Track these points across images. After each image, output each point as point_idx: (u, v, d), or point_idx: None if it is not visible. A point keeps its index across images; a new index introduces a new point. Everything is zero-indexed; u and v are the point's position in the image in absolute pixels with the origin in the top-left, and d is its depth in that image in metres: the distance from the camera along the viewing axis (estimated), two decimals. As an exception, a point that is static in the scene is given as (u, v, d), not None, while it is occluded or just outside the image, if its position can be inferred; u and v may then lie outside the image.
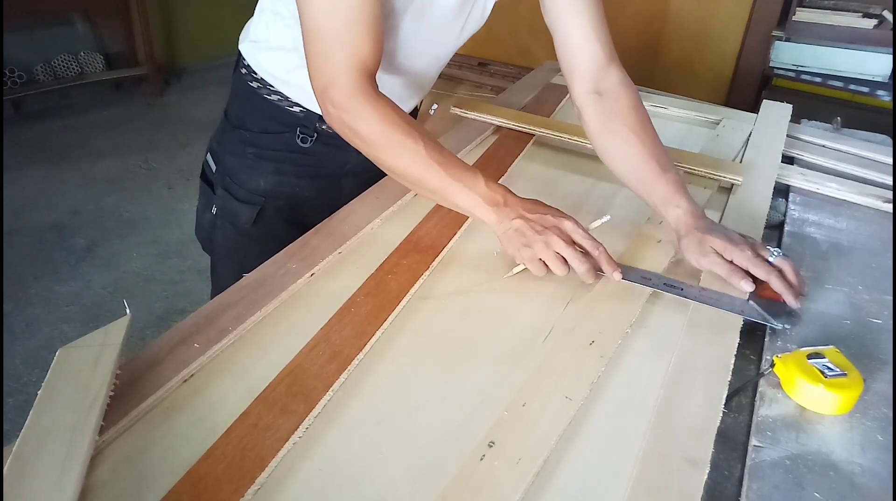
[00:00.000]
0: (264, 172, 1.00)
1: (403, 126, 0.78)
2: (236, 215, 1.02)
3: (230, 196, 1.02)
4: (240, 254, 1.05)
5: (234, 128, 1.01)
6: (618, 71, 0.95)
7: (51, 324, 2.10)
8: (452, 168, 0.79)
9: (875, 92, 2.20)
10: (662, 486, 0.54)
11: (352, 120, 0.79)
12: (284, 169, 1.01)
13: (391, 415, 0.62)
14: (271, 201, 1.01)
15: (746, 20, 2.65)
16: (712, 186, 1.02)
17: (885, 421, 0.67)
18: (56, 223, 2.65)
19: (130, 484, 0.54)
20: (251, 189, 1.01)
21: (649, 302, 0.77)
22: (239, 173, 1.01)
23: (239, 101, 1.01)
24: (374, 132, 0.79)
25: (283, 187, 1.01)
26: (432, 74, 1.04)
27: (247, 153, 1.00)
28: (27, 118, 3.51)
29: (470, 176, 0.80)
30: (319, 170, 1.01)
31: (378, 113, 0.78)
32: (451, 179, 0.79)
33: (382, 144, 0.79)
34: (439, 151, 0.80)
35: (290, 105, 0.97)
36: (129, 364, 0.63)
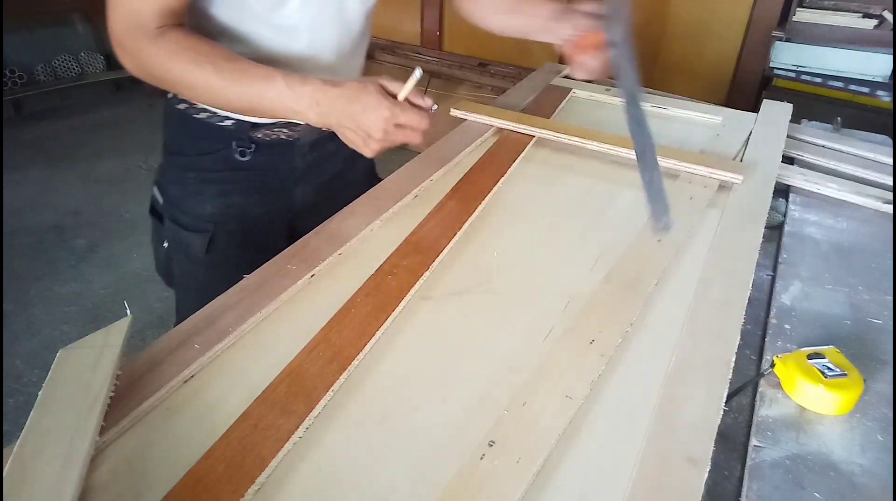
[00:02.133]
0: (209, 195, 0.96)
1: (189, 54, 0.75)
2: (188, 246, 0.98)
3: (179, 227, 0.98)
4: (197, 284, 1.01)
5: (172, 155, 0.98)
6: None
7: (51, 324, 2.10)
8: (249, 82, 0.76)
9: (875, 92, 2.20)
10: (663, 485, 0.54)
11: (141, 60, 0.76)
12: (229, 189, 0.96)
13: (391, 415, 0.62)
14: (221, 225, 0.97)
15: (746, 20, 2.65)
16: (712, 186, 1.02)
17: (885, 421, 0.67)
18: (56, 224, 2.66)
19: (131, 485, 0.54)
20: (198, 216, 0.97)
21: (649, 302, 0.77)
22: (184, 201, 0.97)
23: (172, 126, 0.97)
24: (159, 68, 0.76)
25: (232, 209, 0.97)
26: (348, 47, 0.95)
27: (188, 179, 0.97)
28: (28, 119, 3.52)
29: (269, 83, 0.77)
30: (266, 183, 0.96)
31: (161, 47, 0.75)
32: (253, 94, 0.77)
33: (171, 79, 0.77)
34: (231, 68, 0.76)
35: (220, 120, 0.92)
36: (129, 365, 0.64)
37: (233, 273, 0.98)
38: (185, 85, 0.77)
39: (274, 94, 0.77)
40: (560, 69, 1.55)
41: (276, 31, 0.84)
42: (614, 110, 1.36)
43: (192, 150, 0.95)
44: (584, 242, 0.89)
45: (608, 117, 1.32)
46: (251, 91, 0.77)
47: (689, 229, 0.91)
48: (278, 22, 0.84)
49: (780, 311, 0.83)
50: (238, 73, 0.77)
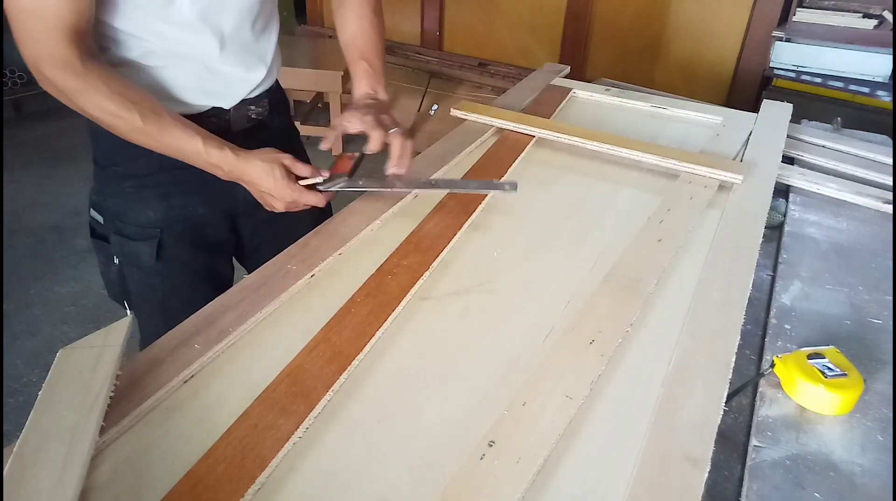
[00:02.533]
0: (149, 200, 0.95)
1: (115, 98, 0.77)
2: (138, 256, 0.96)
3: (125, 239, 0.96)
4: (156, 296, 0.99)
5: (105, 168, 0.96)
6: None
7: (51, 324, 2.10)
8: (170, 137, 0.80)
9: (875, 92, 2.20)
10: (663, 485, 0.54)
11: (67, 92, 0.77)
12: (169, 191, 0.95)
13: (391, 415, 0.62)
14: (168, 230, 0.96)
15: (746, 20, 2.65)
16: (712, 186, 1.02)
17: (885, 421, 0.67)
18: (57, 224, 2.65)
19: (131, 484, 0.54)
20: (143, 223, 0.95)
21: (649, 302, 0.77)
22: (126, 212, 0.96)
23: (101, 139, 0.94)
24: (87, 104, 0.77)
25: (175, 211, 0.96)
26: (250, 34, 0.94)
27: (126, 188, 0.95)
28: (28, 119, 3.52)
29: (189, 144, 0.81)
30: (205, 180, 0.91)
31: (89, 84, 0.76)
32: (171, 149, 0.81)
33: (98, 117, 0.79)
34: (156, 119, 0.79)
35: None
36: (129, 365, 0.64)
37: (188, 279, 0.97)
38: (108, 125, 0.80)
39: (190, 152, 0.82)
40: (560, 69, 1.55)
41: (175, 27, 0.84)
42: (614, 111, 1.36)
43: (124, 157, 0.93)
44: (584, 242, 0.89)
45: (608, 118, 1.32)
46: (171, 145, 0.81)
47: (689, 230, 0.91)
48: (175, 19, 0.83)
49: (780, 311, 0.83)
50: (162, 126, 0.80)
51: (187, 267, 0.99)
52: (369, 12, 1.01)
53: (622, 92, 1.42)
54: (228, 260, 1.07)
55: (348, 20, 1.01)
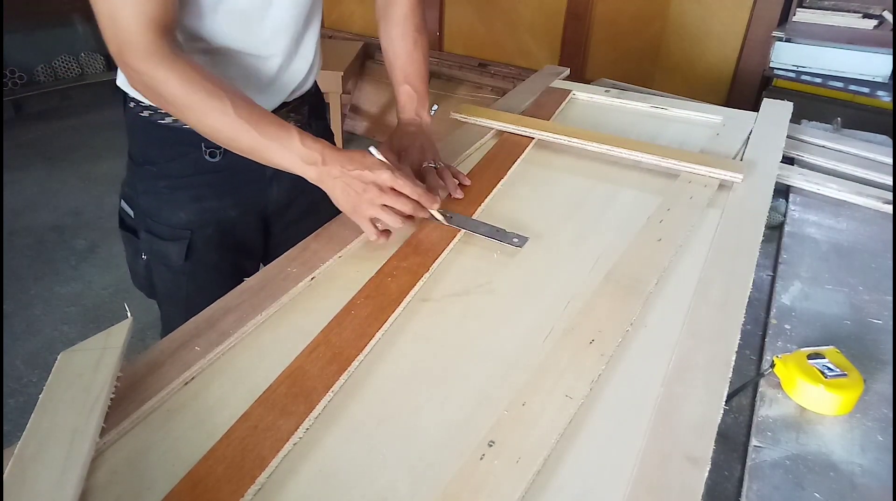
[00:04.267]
0: (183, 202, 0.95)
1: (207, 86, 0.75)
2: (166, 256, 0.96)
3: (155, 237, 0.96)
4: (181, 294, 1.00)
5: (140, 166, 0.95)
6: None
7: (51, 325, 2.10)
8: (265, 127, 0.77)
9: (875, 92, 2.20)
10: (663, 484, 0.54)
11: (152, 82, 0.75)
12: (203, 193, 0.95)
13: (391, 416, 0.62)
14: (199, 231, 0.96)
15: (746, 20, 2.65)
16: (712, 186, 1.02)
17: (885, 422, 0.67)
18: (57, 224, 2.66)
19: (131, 486, 0.54)
20: (174, 224, 0.95)
21: (649, 302, 0.77)
22: (158, 211, 0.96)
23: (137, 136, 0.95)
24: (177, 94, 0.75)
25: (207, 214, 0.96)
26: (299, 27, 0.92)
27: (160, 188, 0.95)
28: (28, 119, 3.52)
29: (284, 134, 0.78)
30: (239, 182, 0.95)
31: (177, 73, 0.74)
32: (264, 138, 0.77)
33: (188, 105, 0.76)
34: (249, 109, 0.77)
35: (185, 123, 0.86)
36: (129, 367, 0.64)
37: (215, 278, 0.97)
38: (197, 113, 0.77)
39: (284, 143, 0.78)
40: (560, 72, 1.55)
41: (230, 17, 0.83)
42: (614, 111, 1.36)
43: (160, 157, 0.93)
44: (584, 242, 0.89)
45: (608, 119, 1.32)
46: (265, 135, 0.77)
47: (689, 229, 0.91)
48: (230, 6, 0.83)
49: (780, 311, 0.83)
50: (256, 115, 0.78)
51: (215, 268, 0.99)
52: (413, 31, 1.01)
53: (622, 93, 1.42)
54: (255, 260, 1.08)
55: (393, 39, 1.01)
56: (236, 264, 1.03)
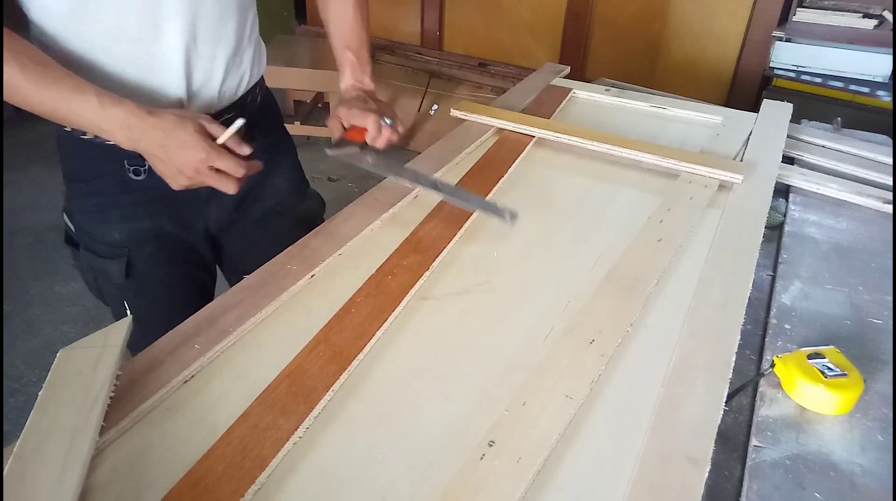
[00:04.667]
0: (114, 221, 0.89)
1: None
2: (107, 273, 0.91)
3: (94, 255, 0.91)
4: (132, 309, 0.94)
5: (71, 183, 0.90)
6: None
7: (51, 325, 2.10)
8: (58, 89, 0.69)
9: (875, 92, 2.20)
10: (663, 485, 0.54)
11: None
12: (133, 212, 0.88)
13: (391, 415, 0.62)
14: (136, 249, 0.90)
15: (747, 20, 2.65)
16: (712, 186, 1.02)
17: (885, 421, 0.67)
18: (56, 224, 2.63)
19: (131, 485, 0.54)
20: (109, 243, 0.90)
21: (649, 302, 0.77)
22: (93, 230, 0.90)
23: (65, 151, 0.88)
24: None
25: (141, 233, 0.90)
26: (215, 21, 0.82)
27: (90, 206, 0.89)
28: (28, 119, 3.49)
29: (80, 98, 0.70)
30: (171, 203, 0.88)
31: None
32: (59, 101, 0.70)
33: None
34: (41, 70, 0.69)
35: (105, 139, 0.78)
36: (129, 365, 0.64)
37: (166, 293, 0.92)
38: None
39: (82, 108, 0.71)
40: (560, 70, 1.55)
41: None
42: (614, 111, 1.36)
43: (87, 174, 0.88)
44: (584, 242, 0.89)
45: (608, 118, 1.32)
46: (58, 99, 0.70)
47: (689, 230, 0.91)
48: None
49: (780, 311, 0.83)
50: (47, 78, 0.69)
51: (161, 283, 0.94)
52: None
53: (622, 92, 1.42)
54: (210, 271, 1.02)
55: (330, 6, 0.99)
56: (190, 277, 0.98)
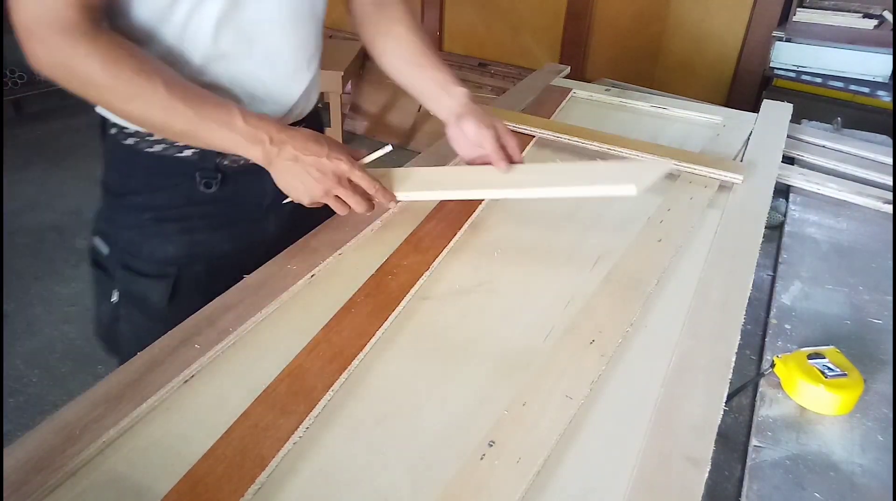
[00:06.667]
0: (170, 235, 0.84)
1: (134, 63, 0.67)
2: (145, 297, 0.85)
3: (134, 274, 0.85)
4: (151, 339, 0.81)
5: (120, 197, 0.85)
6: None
7: (51, 325, 2.10)
8: (200, 106, 0.70)
9: (875, 92, 2.20)
10: (663, 485, 0.54)
11: (68, 59, 0.66)
12: (194, 225, 0.85)
13: (391, 415, 0.62)
14: (186, 267, 0.85)
15: (747, 20, 2.65)
16: (713, 186, 1.02)
17: (885, 422, 0.67)
18: (57, 224, 2.65)
19: (131, 485, 0.54)
20: (159, 260, 0.84)
21: (649, 302, 0.77)
22: (140, 246, 0.85)
23: (117, 166, 0.84)
24: (97, 73, 0.66)
25: (197, 247, 0.86)
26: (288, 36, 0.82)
27: (143, 221, 0.84)
28: (28, 119, 3.52)
29: (224, 112, 0.71)
30: (234, 215, 0.86)
31: (100, 49, 0.65)
32: (200, 118, 0.70)
33: (108, 86, 0.67)
34: (183, 87, 0.69)
35: (177, 151, 0.80)
36: (129, 365, 0.64)
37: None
38: (122, 95, 0.68)
39: (224, 122, 0.71)
40: (560, 69, 1.55)
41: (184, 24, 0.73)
42: (614, 111, 1.36)
43: (145, 188, 0.83)
44: (585, 242, 0.89)
45: (608, 117, 1.32)
46: (202, 115, 0.70)
47: (689, 230, 0.91)
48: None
49: (780, 311, 0.83)
50: (191, 93, 0.70)
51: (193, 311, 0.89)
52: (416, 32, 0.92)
53: (622, 92, 1.43)
54: None
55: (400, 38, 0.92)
56: None
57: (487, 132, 0.84)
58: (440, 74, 0.90)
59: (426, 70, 0.90)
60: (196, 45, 0.75)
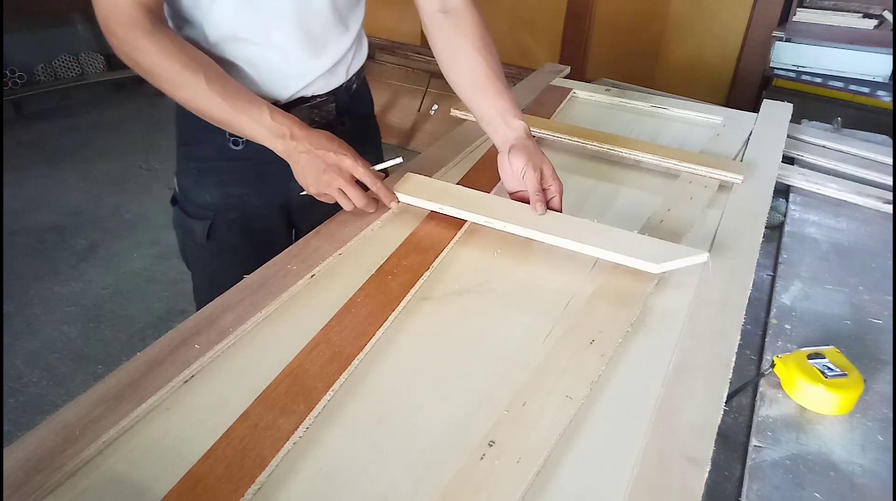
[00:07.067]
0: (209, 185, 0.99)
1: (183, 58, 0.80)
2: (191, 231, 1.02)
3: (184, 213, 1.02)
4: (207, 269, 1.06)
5: (179, 146, 1.01)
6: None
7: (51, 325, 2.10)
8: (236, 100, 0.82)
9: (875, 92, 2.20)
10: (663, 485, 0.54)
11: (131, 51, 0.80)
12: (227, 179, 0.99)
13: (391, 415, 0.62)
14: (222, 214, 1.00)
15: (747, 20, 2.65)
16: (713, 186, 1.02)
17: (885, 421, 0.67)
18: (56, 224, 2.65)
19: (131, 485, 0.54)
20: (200, 204, 1.00)
21: (650, 301, 0.77)
22: (189, 190, 1.01)
23: (179, 117, 0.99)
24: (153, 63, 0.80)
25: (231, 199, 1.00)
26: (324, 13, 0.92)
27: (191, 169, 1.00)
28: (28, 119, 3.52)
29: (255, 108, 0.82)
30: (262, 173, 0.97)
31: (155, 44, 0.79)
32: (234, 110, 0.82)
33: (162, 76, 0.81)
34: (223, 83, 0.82)
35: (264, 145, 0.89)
36: (129, 365, 0.64)
37: (234, 261, 0.97)
38: (172, 83, 0.81)
39: (254, 116, 0.82)
40: (560, 70, 1.55)
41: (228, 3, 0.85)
42: (614, 111, 1.36)
43: (191, 139, 0.98)
44: (585, 242, 0.89)
45: (608, 118, 1.32)
46: (235, 108, 0.82)
47: (689, 229, 0.91)
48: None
49: (780, 311, 0.83)
50: (229, 89, 0.82)
51: (237, 251, 1.02)
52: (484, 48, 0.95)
53: (622, 92, 1.43)
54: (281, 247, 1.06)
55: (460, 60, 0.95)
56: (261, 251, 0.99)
57: (533, 174, 0.86)
58: (501, 102, 0.91)
59: (488, 96, 0.92)
60: (216, 29, 0.86)
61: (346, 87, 1.01)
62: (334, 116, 1.01)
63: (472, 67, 0.93)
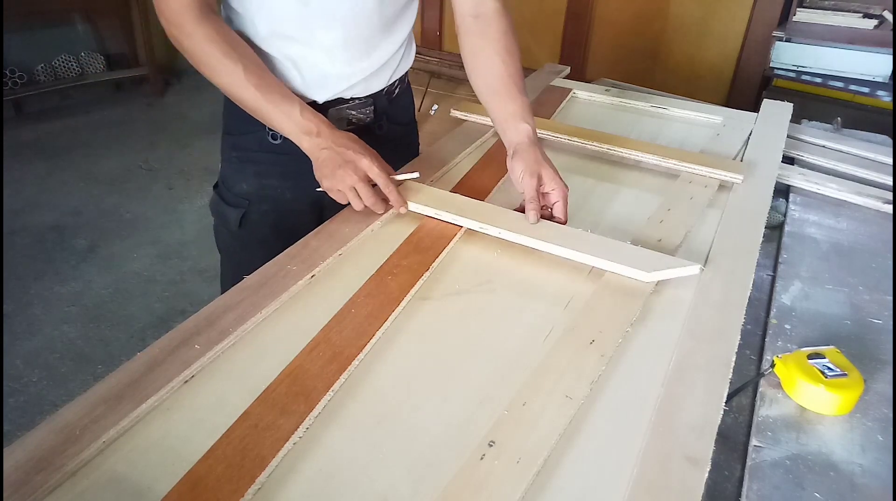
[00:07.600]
0: (247, 174, 1.01)
1: (225, 47, 0.84)
2: (226, 217, 1.04)
3: (220, 199, 1.05)
4: (235, 258, 1.08)
5: (224, 134, 1.04)
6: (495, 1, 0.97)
7: (51, 324, 2.10)
8: (269, 93, 0.86)
9: (875, 92, 2.20)
10: (663, 485, 0.54)
11: (178, 34, 0.84)
12: (265, 171, 1.01)
13: (391, 415, 0.62)
14: (256, 204, 1.02)
15: (747, 20, 2.65)
16: (713, 186, 1.02)
17: (885, 422, 0.67)
18: (56, 224, 2.65)
19: (131, 485, 0.54)
20: (237, 192, 1.03)
21: (650, 301, 0.77)
22: (227, 177, 1.04)
23: (227, 110, 1.02)
24: (196, 49, 0.84)
25: (266, 191, 1.02)
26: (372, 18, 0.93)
27: (232, 157, 1.03)
28: (28, 119, 3.52)
29: (287, 103, 0.86)
30: (298, 168, 0.96)
31: (202, 31, 0.83)
32: (267, 103, 0.85)
33: (203, 61, 0.85)
34: (259, 74, 0.86)
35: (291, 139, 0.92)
36: (129, 365, 0.64)
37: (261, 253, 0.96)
38: (211, 69, 0.85)
39: (285, 111, 0.86)
40: (560, 70, 1.55)
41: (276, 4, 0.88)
42: (614, 111, 1.36)
43: (234, 129, 1.01)
44: (585, 242, 0.89)
45: (608, 118, 1.32)
46: (269, 101, 0.85)
47: (689, 229, 0.91)
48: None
49: (780, 311, 0.83)
50: (264, 82, 0.86)
51: (266, 243, 1.01)
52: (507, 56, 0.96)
53: (622, 92, 1.43)
54: None
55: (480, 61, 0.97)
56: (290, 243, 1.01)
57: (529, 180, 0.86)
58: (512, 106, 0.93)
59: (501, 99, 0.94)
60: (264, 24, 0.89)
61: (387, 91, 1.02)
62: (371, 120, 1.02)
63: (491, 70, 0.95)
